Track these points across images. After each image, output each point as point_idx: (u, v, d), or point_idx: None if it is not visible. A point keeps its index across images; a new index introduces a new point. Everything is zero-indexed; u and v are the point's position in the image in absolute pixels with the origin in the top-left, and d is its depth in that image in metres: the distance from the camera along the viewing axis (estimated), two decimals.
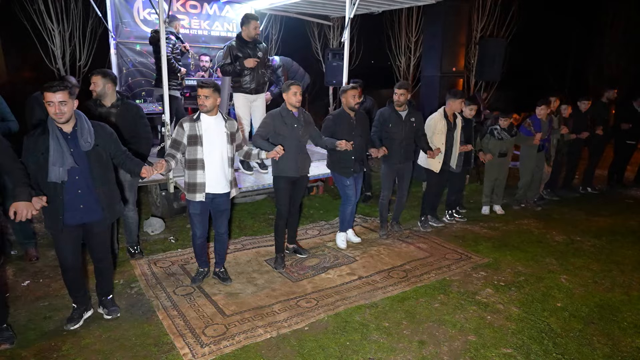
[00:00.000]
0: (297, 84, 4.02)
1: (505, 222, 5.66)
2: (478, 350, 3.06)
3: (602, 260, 4.57)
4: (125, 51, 6.74)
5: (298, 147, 4.09)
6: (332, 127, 4.39)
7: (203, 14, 7.26)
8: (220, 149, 3.58)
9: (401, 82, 4.76)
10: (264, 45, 5.44)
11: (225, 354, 2.96)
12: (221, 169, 3.61)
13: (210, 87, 3.45)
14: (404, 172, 4.95)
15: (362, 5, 6.01)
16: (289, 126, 4.04)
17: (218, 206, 3.74)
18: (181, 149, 3.53)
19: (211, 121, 3.55)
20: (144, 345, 3.05)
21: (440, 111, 5.09)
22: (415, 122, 4.79)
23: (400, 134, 4.70)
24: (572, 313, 3.55)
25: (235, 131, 3.67)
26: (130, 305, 3.58)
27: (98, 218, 3.11)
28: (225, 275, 4.01)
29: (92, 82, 3.84)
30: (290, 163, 4.08)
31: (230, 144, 3.61)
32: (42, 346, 3.03)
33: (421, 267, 4.32)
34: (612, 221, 5.75)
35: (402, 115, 4.72)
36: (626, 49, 13.94)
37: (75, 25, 7.52)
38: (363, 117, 4.60)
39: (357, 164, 4.53)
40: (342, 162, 4.49)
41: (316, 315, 3.43)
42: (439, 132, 4.99)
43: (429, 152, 4.88)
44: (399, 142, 4.72)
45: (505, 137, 5.63)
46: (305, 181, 4.39)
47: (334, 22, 9.40)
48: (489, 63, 8.29)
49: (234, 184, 3.78)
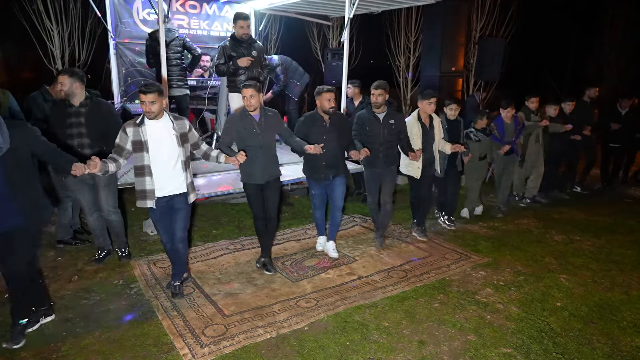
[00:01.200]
0: (249, 87, 3.71)
1: (505, 221, 5.66)
2: (478, 349, 3.06)
3: (602, 259, 4.58)
4: (125, 51, 6.74)
5: (262, 152, 3.85)
6: (303, 129, 4.18)
7: (202, 13, 7.27)
8: (169, 153, 3.35)
9: (378, 82, 4.43)
10: (259, 44, 5.45)
11: (225, 354, 2.96)
12: (172, 174, 3.39)
13: (155, 91, 3.20)
14: (386, 177, 4.63)
15: (361, 5, 6.01)
16: (248, 131, 3.81)
17: (172, 205, 3.50)
18: (124, 154, 3.32)
19: (157, 125, 3.32)
20: (143, 346, 3.05)
21: (413, 114, 4.77)
22: (395, 125, 4.48)
23: (379, 137, 4.41)
24: (572, 312, 3.55)
25: (186, 131, 3.44)
26: (130, 305, 3.58)
27: (16, 225, 2.85)
28: (177, 290, 3.69)
29: (59, 82, 3.79)
30: (255, 169, 3.88)
31: (181, 146, 3.38)
32: (41, 347, 3.02)
33: (421, 267, 4.32)
34: (611, 221, 5.75)
35: (380, 117, 4.44)
36: (626, 48, 13.95)
37: (74, 25, 7.52)
38: (339, 121, 4.29)
39: (328, 171, 4.25)
40: (311, 168, 4.29)
41: (316, 315, 3.43)
42: (415, 137, 4.66)
43: (410, 153, 4.54)
44: (378, 146, 4.42)
45: (482, 138, 5.45)
46: (276, 185, 4.10)
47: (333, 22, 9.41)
48: (488, 63, 8.29)
49: (191, 187, 3.54)
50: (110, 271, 4.13)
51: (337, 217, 4.51)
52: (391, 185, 4.68)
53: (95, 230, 4.25)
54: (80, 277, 4.01)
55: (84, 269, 4.16)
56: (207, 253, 4.57)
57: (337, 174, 4.32)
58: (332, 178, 4.30)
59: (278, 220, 4.43)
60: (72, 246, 4.59)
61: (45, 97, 4.42)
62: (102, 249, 4.29)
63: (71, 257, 4.39)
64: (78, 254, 4.45)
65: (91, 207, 4.14)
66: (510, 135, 5.62)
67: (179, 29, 6.67)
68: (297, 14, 7.73)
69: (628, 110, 6.94)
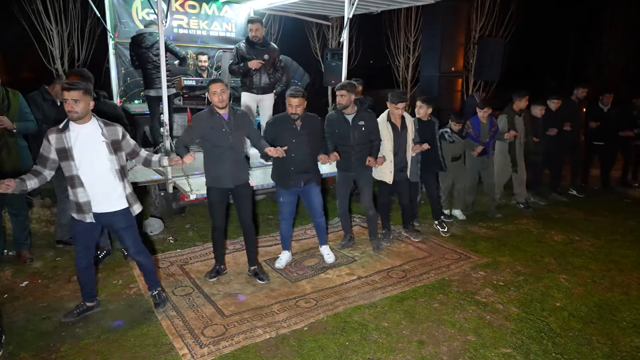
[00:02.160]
0: (217, 82, 3.57)
1: (504, 221, 5.66)
2: (477, 350, 3.06)
3: (601, 260, 4.57)
4: (124, 51, 6.73)
5: (231, 153, 3.66)
6: (271, 131, 3.98)
7: (202, 14, 7.26)
8: (100, 162, 3.05)
9: (342, 82, 4.27)
10: (273, 46, 5.53)
11: (224, 355, 2.96)
12: (106, 184, 3.10)
13: (80, 89, 2.89)
14: (361, 180, 4.47)
15: (361, 5, 6.01)
16: (216, 130, 3.61)
17: (112, 225, 3.25)
18: (49, 165, 3.01)
19: (83, 130, 2.99)
20: (142, 346, 3.05)
21: (383, 115, 4.55)
22: (365, 126, 4.28)
23: (350, 140, 4.24)
24: (571, 313, 3.55)
25: (119, 138, 3.12)
26: (129, 305, 3.58)
27: None
28: (158, 299, 3.50)
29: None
30: (222, 172, 3.67)
31: (113, 154, 3.08)
32: (40, 347, 3.02)
33: (420, 267, 4.32)
34: (611, 221, 5.75)
35: (349, 119, 4.25)
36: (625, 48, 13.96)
37: (73, 25, 7.52)
38: (312, 124, 4.04)
39: (299, 177, 4.01)
40: (280, 174, 4.07)
41: (315, 316, 3.43)
42: (385, 139, 4.45)
43: (368, 158, 4.27)
44: (350, 149, 4.26)
45: (456, 140, 5.36)
46: (246, 191, 3.88)
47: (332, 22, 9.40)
48: (487, 63, 8.30)
49: (133, 198, 3.26)
50: (109, 271, 4.13)
51: (321, 223, 4.33)
52: (369, 189, 4.50)
53: None
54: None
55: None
56: (206, 253, 4.57)
57: (309, 181, 4.09)
58: (303, 185, 4.06)
59: (256, 227, 4.34)
60: (71, 246, 4.58)
61: (44, 97, 4.41)
62: (102, 249, 4.29)
63: (70, 257, 4.38)
64: None
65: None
66: (485, 136, 5.52)
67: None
68: (297, 14, 7.73)
69: (610, 107, 6.80)
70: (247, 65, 5.25)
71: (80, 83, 2.98)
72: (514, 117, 5.76)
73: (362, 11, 6.90)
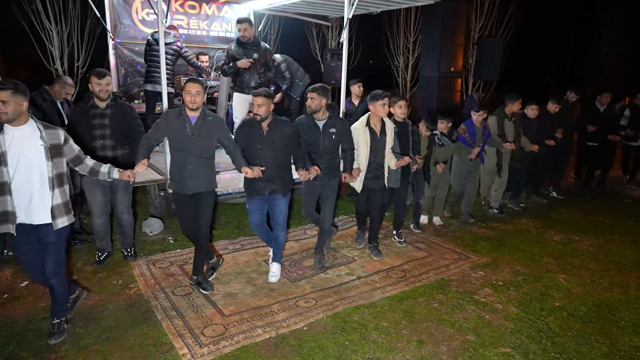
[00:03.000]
0: (195, 82, 3.41)
1: (504, 221, 5.66)
2: (477, 349, 3.06)
3: (600, 259, 4.58)
4: (124, 51, 6.74)
5: (192, 159, 3.46)
6: (239, 136, 3.77)
7: (202, 14, 7.26)
8: (35, 168, 2.81)
9: (314, 85, 3.96)
10: (264, 46, 5.52)
11: (224, 354, 2.97)
12: (38, 194, 2.85)
13: (9, 89, 2.71)
14: (324, 192, 4.15)
15: (360, 5, 6.01)
16: (180, 132, 3.41)
17: (40, 238, 2.97)
18: None
19: (19, 132, 2.79)
20: (142, 346, 3.05)
21: (362, 119, 4.23)
22: (336, 134, 3.99)
23: (319, 147, 3.97)
24: (571, 312, 3.56)
25: (60, 142, 2.91)
26: (129, 305, 3.58)
27: None
28: (57, 329, 3.11)
29: (100, 82, 3.79)
30: (181, 177, 3.51)
31: (49, 160, 2.84)
32: (40, 347, 3.03)
33: (420, 267, 4.33)
34: (610, 221, 5.76)
35: (320, 125, 3.96)
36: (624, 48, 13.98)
37: (73, 25, 7.52)
38: (281, 129, 3.72)
39: (264, 185, 3.76)
40: (246, 182, 3.82)
41: (315, 315, 3.44)
42: (362, 145, 4.15)
43: (344, 175, 4.07)
44: (318, 157, 3.99)
45: (446, 143, 5.12)
46: (208, 199, 3.64)
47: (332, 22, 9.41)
48: (487, 63, 8.31)
49: (64, 210, 2.97)
50: (109, 271, 4.13)
51: (280, 237, 4.00)
52: (331, 202, 4.20)
53: (100, 232, 4.21)
54: (80, 277, 4.01)
55: (83, 269, 4.16)
56: None
57: (274, 191, 3.81)
58: (267, 195, 3.81)
59: (210, 237, 4.21)
60: (72, 246, 4.59)
61: (44, 97, 4.42)
62: (103, 251, 4.28)
63: (70, 257, 4.39)
64: (77, 254, 4.45)
65: (102, 210, 4.11)
66: (480, 140, 5.36)
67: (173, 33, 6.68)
68: (296, 14, 7.73)
69: (606, 108, 6.73)
70: (237, 65, 5.29)
71: (10, 83, 2.78)
72: (504, 120, 5.57)
73: (362, 11, 6.90)
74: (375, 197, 4.42)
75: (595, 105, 6.76)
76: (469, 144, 5.31)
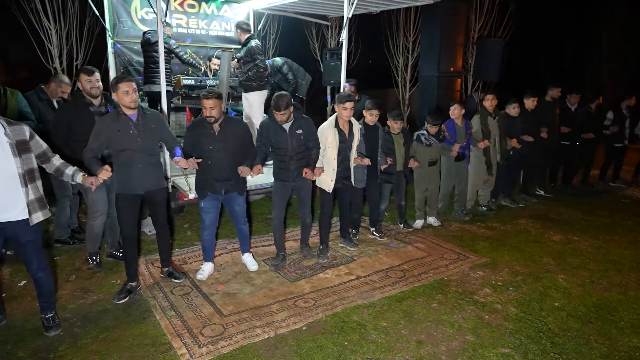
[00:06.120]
0: (127, 80, 3.33)
1: (503, 222, 5.66)
2: (476, 350, 3.06)
3: (600, 260, 4.58)
4: (123, 50, 6.72)
5: (141, 157, 3.43)
6: (188, 136, 3.76)
7: (201, 13, 7.24)
8: (1, 165, 2.76)
9: (277, 103, 3.82)
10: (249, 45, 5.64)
11: (223, 354, 2.96)
12: (7, 190, 2.80)
13: None
14: (301, 191, 4.20)
15: (360, 5, 6.01)
16: (123, 132, 3.36)
17: (16, 238, 2.96)
18: None
19: None
20: (141, 346, 3.04)
21: (331, 120, 4.26)
22: (303, 134, 4.00)
23: (287, 148, 3.97)
24: (570, 313, 3.56)
25: (26, 139, 2.86)
26: (128, 305, 3.57)
27: None
28: (50, 322, 3.16)
29: (95, 79, 3.80)
30: (131, 177, 3.45)
31: (17, 157, 2.79)
32: (38, 346, 3.02)
33: (419, 267, 4.32)
34: (609, 221, 5.76)
35: (286, 127, 3.96)
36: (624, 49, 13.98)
37: (72, 24, 7.49)
38: (233, 129, 3.73)
39: (218, 185, 3.75)
40: (198, 181, 3.84)
41: (314, 315, 3.43)
42: (330, 146, 4.17)
43: (305, 170, 4.00)
44: (288, 159, 4.00)
45: (433, 144, 5.13)
46: (160, 197, 3.66)
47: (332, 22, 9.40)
48: (486, 63, 8.31)
49: (38, 205, 2.95)
50: (107, 271, 4.12)
51: (244, 230, 4.14)
52: (309, 200, 4.30)
53: (98, 234, 4.11)
54: (78, 277, 4.00)
55: (82, 269, 4.15)
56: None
57: (229, 190, 3.83)
58: (223, 194, 3.82)
59: (171, 231, 4.31)
60: (70, 245, 4.58)
61: (39, 97, 4.41)
62: (96, 254, 4.21)
63: (69, 256, 4.38)
64: (76, 253, 4.44)
65: (104, 208, 4.03)
66: (462, 139, 5.33)
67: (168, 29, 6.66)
68: (296, 13, 7.72)
69: (577, 107, 6.78)
70: None
71: None
72: (487, 118, 5.51)
73: (362, 11, 6.89)
74: (343, 196, 4.54)
75: (566, 104, 6.81)
76: (450, 142, 5.30)
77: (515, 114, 5.83)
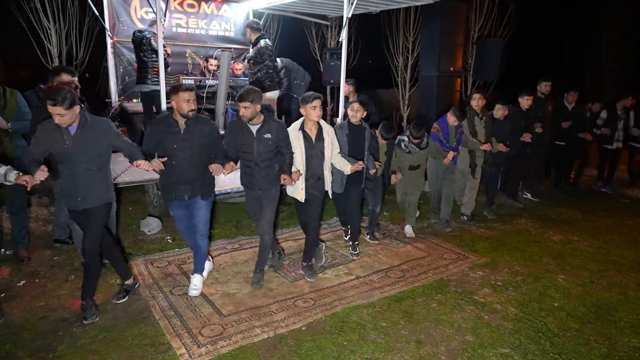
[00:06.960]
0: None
1: (503, 222, 5.66)
2: (475, 350, 3.06)
3: (599, 260, 4.58)
4: (122, 50, 6.73)
5: (78, 172, 3.16)
6: (150, 135, 3.48)
7: (200, 12, 7.26)
8: None
9: (242, 92, 3.52)
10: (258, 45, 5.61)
11: (222, 354, 2.95)
12: None
13: None
14: (263, 201, 3.78)
15: (360, 5, 6.01)
16: (59, 144, 3.07)
17: None
18: None
19: None
20: (140, 346, 3.04)
21: (296, 122, 3.89)
22: (272, 139, 3.63)
23: (253, 153, 3.62)
24: (569, 313, 3.55)
25: None
26: (127, 305, 3.56)
27: None
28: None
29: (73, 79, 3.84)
30: (68, 192, 3.22)
31: None
32: (37, 346, 3.01)
33: (418, 267, 4.32)
34: (609, 221, 5.76)
35: (254, 130, 3.60)
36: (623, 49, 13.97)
37: (71, 23, 7.48)
38: (200, 128, 3.45)
39: (182, 188, 3.49)
40: (163, 184, 3.62)
41: (313, 315, 3.43)
42: (297, 151, 3.79)
43: (283, 176, 3.64)
44: (254, 165, 3.66)
45: (413, 151, 4.84)
46: (98, 213, 3.29)
47: (331, 21, 9.39)
48: (486, 63, 8.30)
49: None
50: (106, 270, 4.11)
51: (202, 245, 3.69)
52: (271, 210, 3.82)
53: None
54: (77, 277, 3.99)
55: (81, 268, 4.13)
56: None
57: (194, 194, 3.54)
58: (187, 199, 3.54)
59: (119, 243, 4.17)
60: (69, 245, 4.57)
61: (39, 96, 4.39)
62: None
63: (68, 256, 4.38)
64: (75, 253, 4.43)
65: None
66: (452, 141, 5.07)
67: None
68: (296, 13, 7.72)
69: (575, 106, 6.60)
70: None
71: None
72: (474, 118, 5.23)
73: (361, 11, 6.90)
74: (313, 206, 3.98)
75: (564, 103, 6.61)
76: (445, 145, 5.04)
77: (499, 116, 5.50)
